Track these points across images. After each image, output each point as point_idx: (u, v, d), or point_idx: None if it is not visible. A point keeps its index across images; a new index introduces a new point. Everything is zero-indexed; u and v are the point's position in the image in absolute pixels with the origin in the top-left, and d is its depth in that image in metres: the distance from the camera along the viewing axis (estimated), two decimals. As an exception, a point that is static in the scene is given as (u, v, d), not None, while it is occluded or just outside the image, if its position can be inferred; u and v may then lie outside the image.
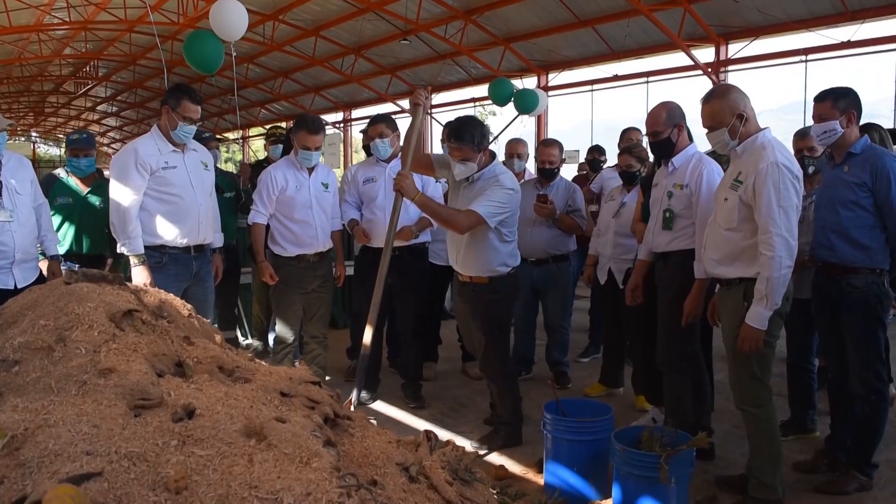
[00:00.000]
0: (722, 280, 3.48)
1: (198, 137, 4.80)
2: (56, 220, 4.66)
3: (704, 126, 3.47)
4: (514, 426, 4.27)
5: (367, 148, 5.48)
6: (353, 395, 3.90)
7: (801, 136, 4.22)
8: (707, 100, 3.44)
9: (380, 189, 4.93)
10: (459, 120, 4.08)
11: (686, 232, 3.88)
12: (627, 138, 6.15)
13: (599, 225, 5.18)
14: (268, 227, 4.71)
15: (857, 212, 3.43)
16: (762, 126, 3.40)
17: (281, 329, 4.71)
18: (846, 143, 3.48)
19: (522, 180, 5.30)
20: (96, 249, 4.90)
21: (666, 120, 3.89)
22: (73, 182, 4.88)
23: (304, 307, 4.73)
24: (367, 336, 3.88)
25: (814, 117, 3.56)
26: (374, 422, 3.05)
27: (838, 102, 3.45)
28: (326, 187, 4.76)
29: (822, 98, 3.52)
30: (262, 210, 4.60)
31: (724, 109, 3.34)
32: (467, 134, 3.89)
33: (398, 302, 5.07)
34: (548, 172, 5.35)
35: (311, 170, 4.66)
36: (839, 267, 3.51)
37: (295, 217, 4.61)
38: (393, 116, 5.26)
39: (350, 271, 5.62)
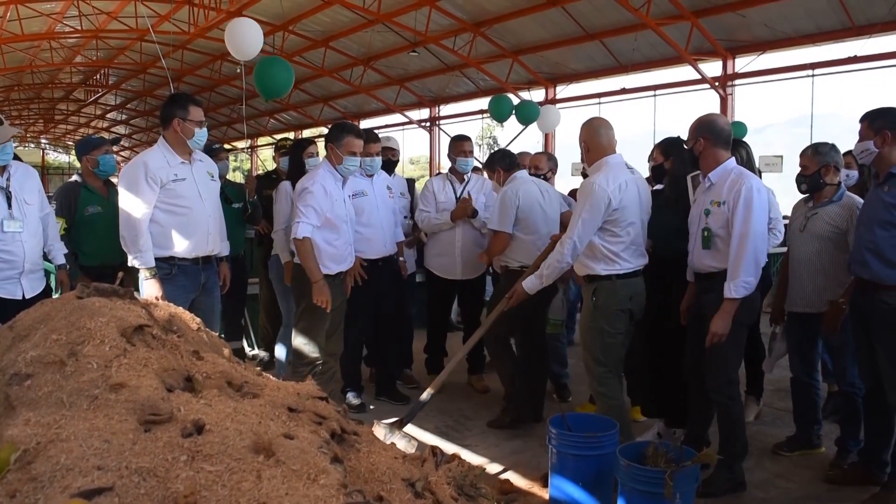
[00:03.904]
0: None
1: (208, 149, 4.82)
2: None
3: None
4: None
5: None
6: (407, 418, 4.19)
7: (801, 154, 4.20)
8: (582, 126, 4.03)
9: (368, 202, 5.03)
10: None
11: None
12: None
13: None
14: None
15: (892, 231, 3.43)
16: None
17: (306, 347, 4.53)
18: (888, 163, 3.51)
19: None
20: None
21: (692, 130, 3.84)
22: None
23: None
24: (438, 382, 4.36)
25: (859, 134, 3.67)
26: (415, 442, 3.16)
27: (874, 123, 3.54)
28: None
29: (863, 119, 3.64)
30: (314, 222, 4.32)
31: (580, 137, 3.98)
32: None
33: (398, 307, 5.42)
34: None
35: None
36: (872, 283, 3.53)
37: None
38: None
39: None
